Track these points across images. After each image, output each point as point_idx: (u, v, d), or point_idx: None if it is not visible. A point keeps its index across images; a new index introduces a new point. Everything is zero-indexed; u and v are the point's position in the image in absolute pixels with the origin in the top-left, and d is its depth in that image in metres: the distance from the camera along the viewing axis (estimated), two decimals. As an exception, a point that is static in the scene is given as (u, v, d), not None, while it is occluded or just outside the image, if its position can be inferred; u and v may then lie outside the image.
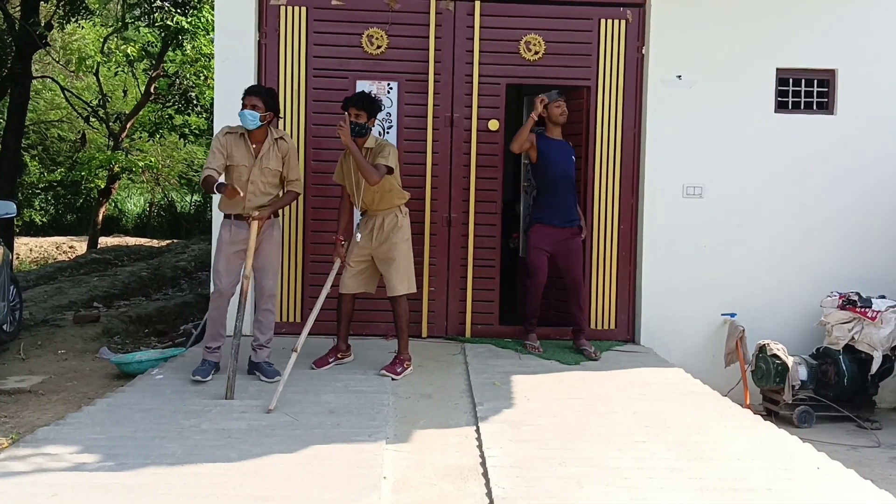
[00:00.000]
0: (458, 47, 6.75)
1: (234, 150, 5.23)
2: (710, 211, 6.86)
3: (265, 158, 5.25)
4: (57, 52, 19.54)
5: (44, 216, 24.13)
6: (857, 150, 6.91)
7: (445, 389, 5.31)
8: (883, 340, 6.28)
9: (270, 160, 5.27)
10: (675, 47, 6.78)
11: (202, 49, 15.13)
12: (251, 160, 5.23)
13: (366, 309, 6.36)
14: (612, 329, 6.93)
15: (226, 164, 5.23)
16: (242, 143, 5.24)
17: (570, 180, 6.29)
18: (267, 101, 5.22)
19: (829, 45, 6.89)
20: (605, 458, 4.04)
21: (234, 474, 3.67)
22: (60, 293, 9.97)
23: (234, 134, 5.27)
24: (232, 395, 4.85)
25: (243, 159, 5.23)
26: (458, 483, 3.77)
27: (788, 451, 4.26)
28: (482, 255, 6.84)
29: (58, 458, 3.84)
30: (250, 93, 5.23)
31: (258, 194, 5.26)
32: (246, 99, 5.19)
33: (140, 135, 19.43)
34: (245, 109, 5.15)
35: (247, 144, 5.24)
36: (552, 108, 6.18)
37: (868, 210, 6.93)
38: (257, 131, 5.23)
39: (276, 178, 5.34)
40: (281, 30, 6.67)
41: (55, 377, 6.22)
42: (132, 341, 7.71)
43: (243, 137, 5.25)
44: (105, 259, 14.11)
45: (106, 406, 4.70)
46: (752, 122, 6.86)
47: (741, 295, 6.88)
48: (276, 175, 5.32)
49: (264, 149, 5.26)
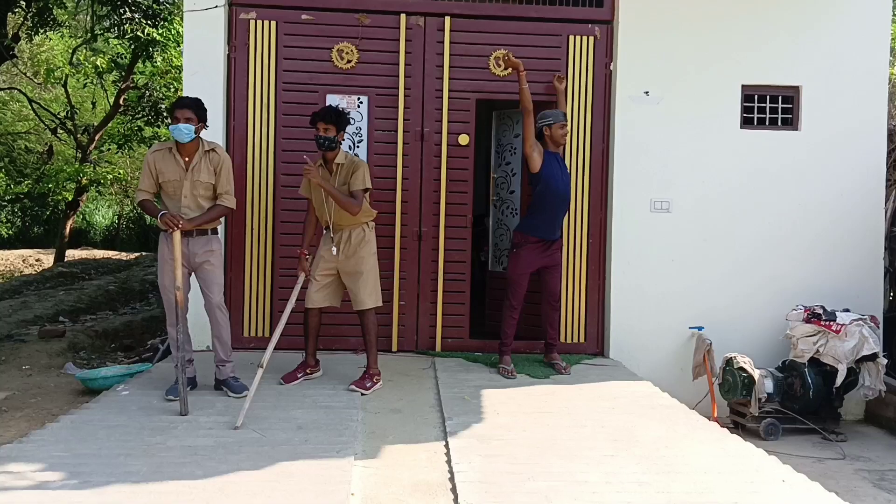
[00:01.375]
0: (429, 62, 6.78)
1: (164, 166, 5.15)
2: (678, 225, 6.93)
3: (196, 171, 5.17)
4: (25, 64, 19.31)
5: (10, 229, 23.79)
6: (821, 164, 7.02)
7: (415, 404, 5.30)
8: (847, 353, 6.36)
9: (202, 173, 5.19)
10: (642, 64, 6.86)
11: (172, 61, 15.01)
12: (182, 174, 5.16)
13: (335, 324, 6.36)
14: (581, 342, 6.97)
15: (156, 182, 5.17)
16: (172, 158, 5.17)
17: (568, 197, 6.28)
18: (198, 112, 5.17)
19: (794, 62, 7.00)
20: (574, 472, 4.05)
21: (200, 492, 3.63)
22: (26, 307, 9.84)
23: (163, 150, 5.20)
24: (186, 411, 4.80)
25: (174, 174, 5.16)
26: (426, 499, 3.77)
27: (755, 464, 4.30)
28: (453, 269, 6.85)
29: (21, 476, 3.78)
30: (182, 106, 5.13)
31: (193, 208, 5.17)
32: (178, 112, 5.09)
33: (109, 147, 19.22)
34: (180, 123, 5.07)
35: (176, 159, 5.16)
36: (556, 130, 6.11)
37: (832, 224, 7.04)
38: (188, 144, 5.15)
39: (209, 192, 5.25)
40: (251, 43, 6.66)
41: (19, 393, 6.13)
42: (98, 356, 7.62)
43: (171, 152, 5.18)
44: (72, 272, 13.95)
45: (70, 423, 4.64)
46: (718, 138, 6.95)
47: (708, 308, 6.95)
48: (208, 188, 5.24)
49: (195, 161, 5.18)
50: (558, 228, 6.29)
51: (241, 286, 6.66)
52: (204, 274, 5.26)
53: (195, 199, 5.20)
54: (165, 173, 5.16)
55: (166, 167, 5.16)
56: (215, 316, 5.33)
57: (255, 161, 6.67)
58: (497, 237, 7.59)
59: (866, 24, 7.05)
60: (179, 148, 5.17)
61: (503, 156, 7.47)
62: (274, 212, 6.69)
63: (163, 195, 5.24)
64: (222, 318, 5.36)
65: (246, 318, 6.67)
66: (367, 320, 5.59)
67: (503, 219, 7.51)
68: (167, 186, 5.18)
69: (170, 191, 5.18)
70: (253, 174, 6.67)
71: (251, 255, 6.69)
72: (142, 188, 5.20)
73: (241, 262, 6.66)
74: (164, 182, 5.17)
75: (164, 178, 5.17)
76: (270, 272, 6.70)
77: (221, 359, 5.34)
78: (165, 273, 5.21)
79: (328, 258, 5.55)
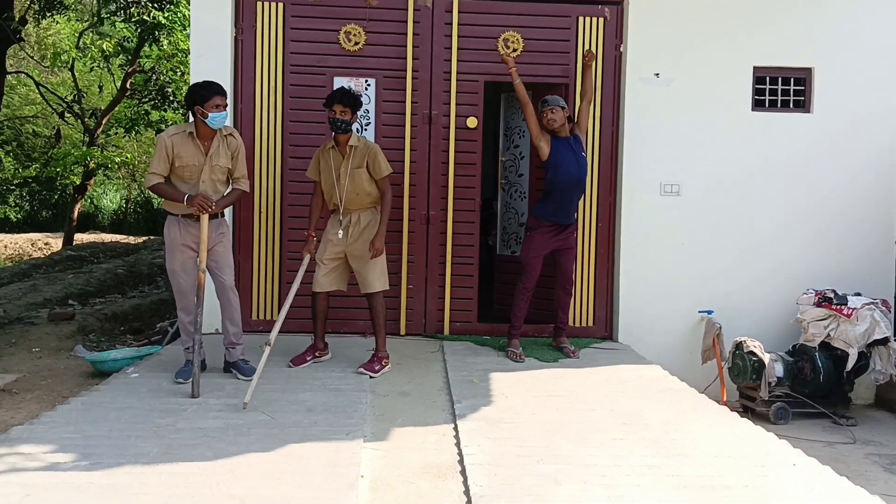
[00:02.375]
0: (437, 44, 6.73)
1: (182, 150, 5.08)
2: (688, 209, 6.89)
3: (215, 156, 5.15)
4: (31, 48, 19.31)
5: (18, 213, 23.87)
6: (833, 147, 6.97)
7: (424, 387, 5.30)
8: (858, 337, 6.33)
9: (220, 157, 5.17)
10: (653, 45, 6.80)
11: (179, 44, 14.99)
12: (201, 159, 5.12)
13: (344, 307, 6.36)
14: (590, 326, 6.95)
15: (170, 167, 5.10)
16: (191, 143, 5.10)
17: (581, 181, 6.13)
18: (226, 97, 5.17)
19: (806, 43, 6.94)
20: (583, 455, 4.04)
21: (209, 473, 3.63)
22: (35, 290, 9.87)
23: (181, 134, 5.12)
24: (197, 393, 4.81)
25: (193, 159, 5.10)
26: (435, 481, 3.76)
27: (765, 448, 4.28)
28: (461, 253, 6.83)
29: (32, 457, 3.79)
30: (218, 92, 5.10)
31: (211, 192, 5.14)
32: (219, 99, 5.07)
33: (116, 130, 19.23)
34: (223, 111, 5.07)
35: (196, 143, 5.11)
36: (545, 114, 6.03)
37: (844, 208, 6.99)
38: (208, 129, 5.11)
39: (224, 176, 5.25)
40: (258, 25, 6.62)
41: (29, 375, 6.15)
42: (107, 339, 7.64)
43: (192, 137, 5.12)
44: (80, 256, 13.98)
45: (80, 405, 4.65)
46: (729, 120, 6.90)
47: (718, 292, 6.92)
48: (224, 172, 5.23)
49: (213, 146, 5.15)
50: (573, 213, 6.21)
51: (250, 269, 6.65)
52: (216, 256, 5.24)
53: (213, 184, 5.17)
54: (184, 157, 5.09)
55: (185, 151, 5.09)
56: (228, 298, 5.33)
57: (263, 144, 6.64)
58: (505, 221, 7.56)
59: (881, 3, 6.97)
60: (199, 132, 5.13)
61: (511, 139, 7.43)
62: (281, 194, 6.67)
63: (174, 179, 5.15)
64: (234, 299, 5.36)
65: (254, 301, 6.67)
66: (376, 303, 5.59)
67: (511, 202, 7.48)
68: (183, 171, 5.11)
69: (185, 175, 5.11)
70: (260, 157, 6.64)
71: (259, 237, 6.67)
72: (155, 171, 5.08)
73: (249, 245, 6.65)
74: (180, 166, 5.09)
75: (181, 163, 5.09)
76: (278, 255, 6.69)
77: (232, 341, 5.34)
78: (176, 258, 5.20)
79: (336, 242, 5.54)
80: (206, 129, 5.11)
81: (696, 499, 3.54)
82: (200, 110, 5.05)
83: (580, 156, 6.10)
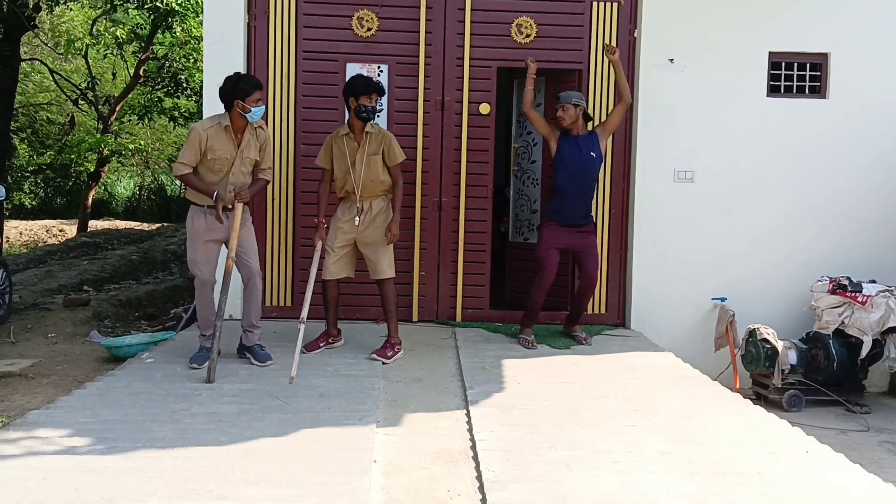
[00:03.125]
0: (449, 30, 6.71)
1: (217, 143, 5.10)
2: (701, 195, 6.86)
3: (246, 149, 5.20)
4: (45, 35, 19.35)
5: (33, 199, 24.01)
6: (848, 134, 6.91)
7: (436, 373, 5.31)
8: (873, 325, 6.30)
9: (251, 150, 5.23)
10: (667, 31, 6.76)
11: (192, 31, 15.01)
12: (233, 151, 5.15)
13: (357, 294, 6.37)
14: (602, 313, 6.94)
15: (200, 158, 5.11)
16: (225, 136, 5.13)
17: (588, 181, 6.05)
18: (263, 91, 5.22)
19: (822, 28, 6.87)
20: (595, 442, 4.05)
21: (224, 457, 3.66)
22: (50, 277, 9.94)
23: (215, 126, 5.13)
24: (213, 379, 4.84)
25: (226, 152, 5.13)
26: (448, 466, 3.78)
27: (778, 435, 4.27)
28: (473, 240, 6.83)
29: (48, 441, 3.83)
30: (259, 87, 5.14)
31: (238, 184, 5.20)
32: (259, 93, 5.12)
33: (129, 118, 19.30)
34: (260, 106, 5.12)
35: (229, 136, 5.14)
36: (557, 111, 6.01)
37: (859, 195, 6.94)
38: (241, 122, 5.14)
39: (251, 167, 5.30)
40: (270, 12, 6.61)
41: (45, 361, 6.21)
42: (122, 325, 7.69)
43: (227, 130, 5.13)
44: (95, 242, 14.06)
45: (96, 390, 4.68)
46: (744, 106, 6.85)
47: (731, 279, 6.90)
48: (252, 164, 5.29)
49: (245, 139, 5.19)
50: (582, 214, 6.09)
51: (263, 256, 6.65)
52: (242, 242, 5.25)
53: (242, 175, 5.23)
54: (217, 150, 5.11)
55: (220, 144, 5.11)
56: (254, 282, 5.37)
57: (276, 130, 6.65)
58: (518, 207, 7.55)
59: (897, -11, 6.90)
60: (234, 125, 5.15)
61: (524, 125, 7.40)
62: (295, 182, 6.68)
63: (203, 170, 5.16)
64: (259, 284, 5.43)
65: (268, 288, 6.68)
66: (387, 289, 5.61)
67: (524, 189, 7.46)
68: (214, 163, 5.13)
69: (216, 167, 5.13)
70: (273, 144, 6.62)
71: (272, 225, 6.69)
72: (185, 161, 5.09)
73: (263, 232, 6.66)
74: (212, 159, 5.11)
75: (213, 155, 5.10)
76: (291, 242, 6.70)
77: (252, 323, 5.36)
78: (198, 248, 5.23)
79: (347, 229, 5.55)
80: (240, 122, 5.14)
81: (709, 486, 3.54)
82: (241, 105, 5.06)
83: (588, 155, 5.97)
